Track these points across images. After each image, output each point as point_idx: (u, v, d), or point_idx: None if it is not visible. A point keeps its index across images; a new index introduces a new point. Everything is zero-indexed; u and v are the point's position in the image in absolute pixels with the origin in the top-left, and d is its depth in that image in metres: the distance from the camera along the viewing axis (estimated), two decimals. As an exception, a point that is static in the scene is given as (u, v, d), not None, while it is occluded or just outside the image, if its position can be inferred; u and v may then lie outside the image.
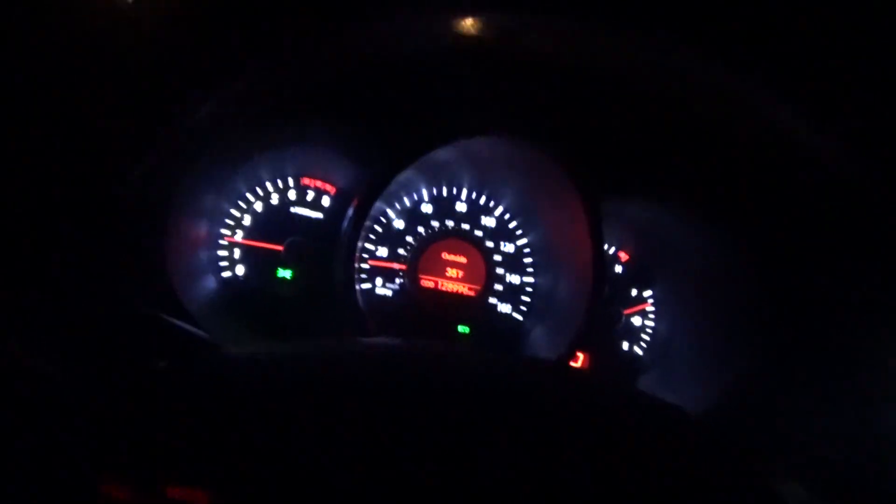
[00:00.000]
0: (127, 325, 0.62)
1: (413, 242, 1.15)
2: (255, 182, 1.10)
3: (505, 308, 1.18)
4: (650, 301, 1.23)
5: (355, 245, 0.96)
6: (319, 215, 1.12)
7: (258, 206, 1.10)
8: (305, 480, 0.33)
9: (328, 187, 1.13)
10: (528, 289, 1.18)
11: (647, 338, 1.23)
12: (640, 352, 1.22)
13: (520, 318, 1.18)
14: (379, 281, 1.14)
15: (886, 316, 0.82)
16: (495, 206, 1.18)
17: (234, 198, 1.08)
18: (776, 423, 0.95)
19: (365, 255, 1.13)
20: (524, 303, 1.18)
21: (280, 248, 1.09)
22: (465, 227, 1.17)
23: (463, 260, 1.16)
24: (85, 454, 0.32)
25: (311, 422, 0.37)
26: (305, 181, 1.12)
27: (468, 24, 0.82)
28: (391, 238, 1.15)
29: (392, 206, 1.14)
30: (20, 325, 0.48)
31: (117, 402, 0.36)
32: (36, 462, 0.32)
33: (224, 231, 1.08)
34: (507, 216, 1.19)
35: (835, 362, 0.91)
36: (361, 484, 0.33)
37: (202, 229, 1.04)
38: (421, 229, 1.15)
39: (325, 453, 0.34)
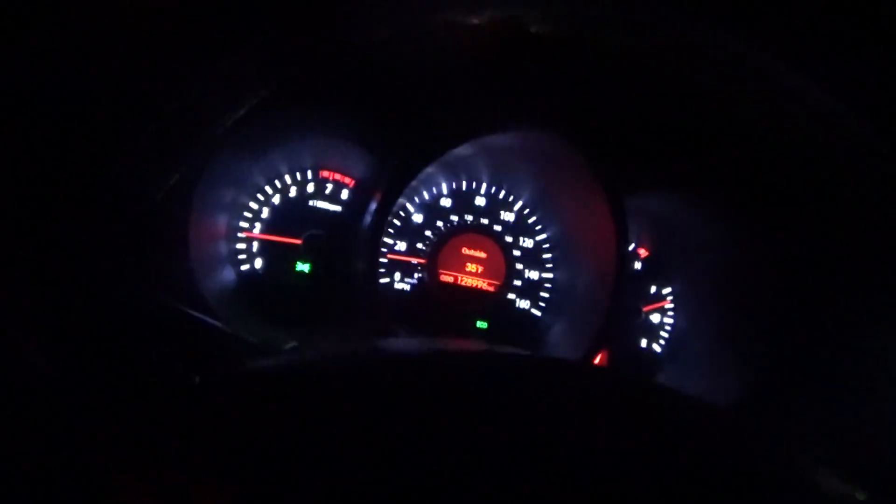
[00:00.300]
0: (147, 316, 0.61)
1: (432, 237, 1.14)
2: (273, 175, 1.09)
3: (524, 304, 1.17)
4: (669, 298, 1.22)
5: (378, 240, 0.95)
6: (338, 208, 1.11)
7: (276, 200, 1.09)
8: (325, 485, 0.32)
9: (347, 180, 1.12)
10: (548, 284, 1.17)
11: (665, 335, 1.22)
12: (658, 349, 1.21)
13: (538, 314, 1.17)
14: (397, 275, 1.13)
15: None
16: (515, 201, 1.17)
17: (253, 191, 1.07)
18: (796, 419, 0.94)
19: (384, 250, 1.12)
20: (543, 298, 1.17)
21: (299, 241, 1.08)
22: (485, 221, 1.16)
23: (483, 255, 1.15)
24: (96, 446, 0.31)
25: (331, 430, 0.36)
26: (324, 174, 1.11)
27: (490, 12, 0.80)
28: (410, 232, 1.14)
29: (411, 200, 1.13)
30: (38, 320, 0.47)
31: (143, 421, 0.35)
32: (45, 461, 0.31)
33: (243, 224, 1.07)
34: (526, 211, 1.17)
35: (855, 357, 0.90)
36: (380, 485, 0.32)
37: (222, 223, 1.04)
38: (440, 224, 1.14)
39: (344, 456, 0.34)
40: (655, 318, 1.22)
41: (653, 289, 1.22)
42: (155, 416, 0.37)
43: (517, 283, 1.17)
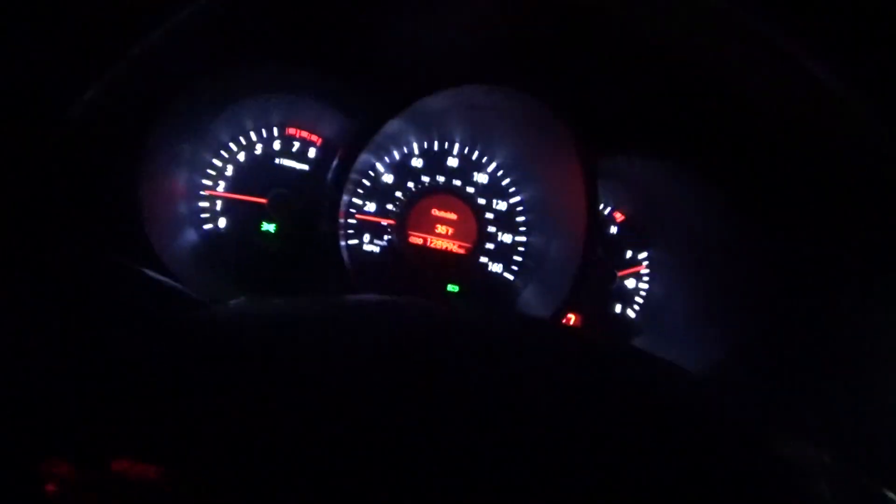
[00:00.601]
0: (99, 275, 0.58)
1: (402, 197, 1.11)
2: (237, 131, 1.05)
3: (496, 267, 1.15)
4: (645, 263, 1.20)
5: (339, 198, 0.92)
6: (305, 167, 1.08)
7: (241, 157, 1.06)
8: (272, 452, 0.30)
9: (314, 138, 1.08)
10: (521, 248, 1.15)
11: (640, 300, 1.20)
12: (632, 315, 1.20)
13: (511, 277, 1.15)
14: (366, 237, 1.11)
15: (887, 281, 0.80)
16: (488, 162, 1.14)
17: (216, 147, 1.04)
18: (771, 389, 0.93)
19: (352, 210, 1.09)
20: (516, 262, 1.15)
21: (264, 200, 1.05)
22: (457, 183, 1.13)
23: (454, 217, 1.12)
24: (22, 428, 0.29)
25: (279, 386, 0.33)
26: (291, 131, 1.08)
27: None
28: (379, 193, 1.11)
29: (381, 160, 1.10)
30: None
31: (56, 366, 0.32)
32: None
33: (205, 182, 1.04)
34: (500, 172, 1.15)
35: (832, 328, 0.89)
36: (334, 455, 0.30)
37: (181, 179, 1.00)
38: (411, 184, 1.11)
39: (293, 421, 0.31)
40: (630, 283, 1.20)
41: (629, 253, 1.20)
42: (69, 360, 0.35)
43: (489, 246, 1.14)
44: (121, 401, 0.31)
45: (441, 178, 1.12)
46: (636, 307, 1.20)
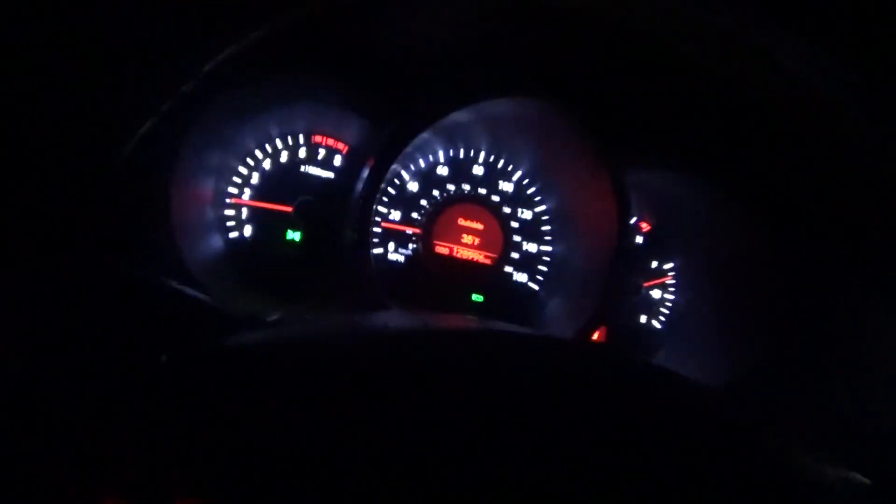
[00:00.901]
0: (129, 293, 0.58)
1: (427, 206, 1.10)
2: (264, 138, 1.05)
3: (521, 277, 1.14)
4: (671, 274, 1.19)
5: (370, 208, 0.91)
6: (330, 175, 1.07)
7: (267, 164, 1.05)
8: (319, 484, 0.29)
9: (340, 146, 1.08)
10: (546, 258, 1.14)
11: (665, 311, 1.19)
12: (658, 325, 1.19)
13: (536, 287, 1.14)
14: (391, 245, 1.10)
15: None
16: (514, 171, 1.13)
17: (243, 154, 1.03)
18: (796, 399, 0.92)
19: (377, 219, 1.09)
20: (541, 272, 1.14)
21: (289, 209, 1.05)
22: (482, 191, 1.12)
23: (479, 226, 1.11)
24: (84, 466, 0.28)
25: (322, 419, 0.33)
26: (317, 138, 1.07)
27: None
28: (405, 201, 1.10)
29: (406, 168, 1.09)
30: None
31: (116, 406, 0.32)
32: (34, 477, 0.28)
33: (232, 190, 1.03)
34: (525, 181, 1.14)
35: (855, 339, 0.88)
36: (381, 488, 0.30)
37: (209, 187, 1.00)
38: (436, 193, 1.10)
39: (339, 456, 0.31)
40: (656, 294, 1.19)
41: (654, 264, 1.18)
42: (123, 396, 0.34)
43: (514, 255, 1.13)
44: (182, 440, 0.30)
45: (466, 187, 1.11)
46: (662, 318, 1.19)
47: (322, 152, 1.07)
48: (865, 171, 0.75)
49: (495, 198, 1.12)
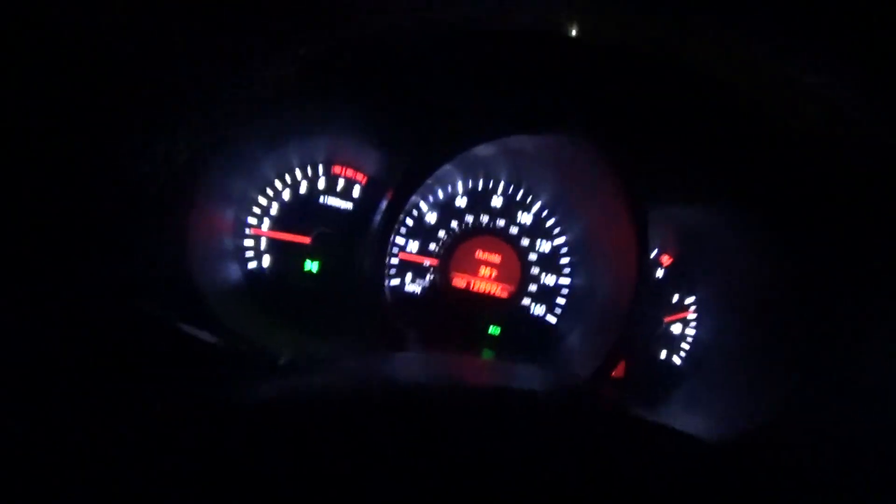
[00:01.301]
0: (141, 333, 0.58)
1: (446, 238, 1.10)
2: (284, 168, 1.05)
3: (539, 310, 1.12)
4: (692, 308, 1.17)
5: (387, 241, 0.91)
6: (349, 206, 1.07)
7: (286, 195, 1.06)
8: None
9: (359, 176, 1.08)
10: (564, 290, 1.13)
11: (686, 347, 1.17)
12: (678, 361, 1.16)
13: (554, 321, 1.12)
14: (408, 277, 1.10)
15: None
16: (533, 202, 1.13)
17: (262, 185, 1.04)
18: (819, 438, 0.89)
19: (395, 250, 1.08)
20: (559, 305, 1.13)
21: (307, 239, 1.05)
22: (501, 223, 1.11)
23: (497, 259, 1.10)
24: None
25: (324, 479, 0.33)
26: (336, 169, 1.08)
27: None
28: (423, 232, 1.10)
29: (425, 199, 1.09)
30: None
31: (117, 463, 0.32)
32: None
33: (251, 220, 1.04)
34: (544, 213, 1.13)
35: (885, 375, 0.85)
36: None
37: (229, 217, 1.00)
38: (454, 224, 1.10)
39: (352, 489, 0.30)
40: (677, 328, 1.17)
41: (675, 298, 1.17)
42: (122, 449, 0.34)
43: (532, 288, 1.12)
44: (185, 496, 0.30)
45: (485, 218, 1.11)
46: (682, 353, 1.16)
47: (341, 183, 1.08)
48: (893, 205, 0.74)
49: (513, 230, 1.12)
